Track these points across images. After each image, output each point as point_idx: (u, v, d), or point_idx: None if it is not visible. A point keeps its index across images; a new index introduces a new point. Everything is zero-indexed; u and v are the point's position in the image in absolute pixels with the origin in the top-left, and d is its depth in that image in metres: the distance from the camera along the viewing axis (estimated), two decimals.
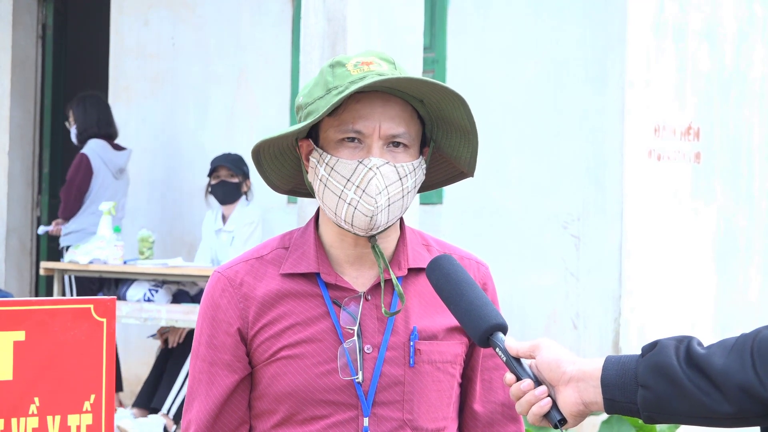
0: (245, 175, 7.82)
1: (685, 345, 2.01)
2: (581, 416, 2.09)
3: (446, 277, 2.30)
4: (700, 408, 1.96)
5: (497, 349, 2.18)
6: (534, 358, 2.14)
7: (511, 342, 2.18)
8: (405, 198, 2.41)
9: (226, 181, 7.77)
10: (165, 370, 7.77)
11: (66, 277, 8.08)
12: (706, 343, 2.03)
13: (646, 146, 7.34)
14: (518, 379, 2.14)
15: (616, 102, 7.24)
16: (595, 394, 2.06)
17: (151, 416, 7.60)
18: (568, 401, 2.08)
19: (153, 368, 7.87)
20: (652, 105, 7.37)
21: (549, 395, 2.11)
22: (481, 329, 2.20)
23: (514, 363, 2.15)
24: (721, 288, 7.76)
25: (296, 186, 2.59)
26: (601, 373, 2.05)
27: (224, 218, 7.89)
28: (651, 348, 2.04)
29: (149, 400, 7.73)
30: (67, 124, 8.73)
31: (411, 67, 5.60)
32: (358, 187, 2.37)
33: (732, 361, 1.95)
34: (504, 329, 2.21)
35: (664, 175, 7.44)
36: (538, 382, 2.12)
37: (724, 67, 7.80)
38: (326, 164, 2.40)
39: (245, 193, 7.86)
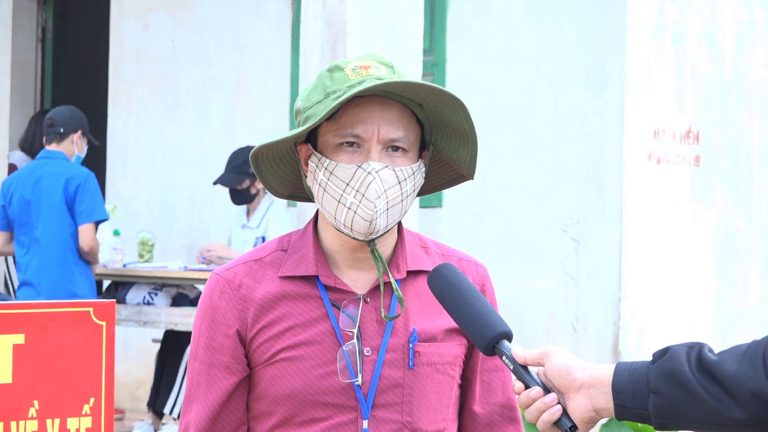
0: (254, 176, 7.70)
1: (697, 351, 2.01)
2: (592, 423, 2.08)
3: (449, 286, 2.29)
4: (712, 414, 1.96)
5: (504, 358, 2.16)
6: (543, 365, 2.13)
7: (518, 350, 2.17)
8: (404, 202, 2.41)
9: (234, 189, 7.73)
10: (164, 371, 7.78)
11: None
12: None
13: (646, 149, 7.34)
14: (526, 386, 2.13)
15: (615, 105, 7.24)
16: (606, 401, 2.06)
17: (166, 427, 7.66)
18: (579, 408, 2.08)
19: (155, 369, 7.89)
20: (651, 108, 7.37)
21: (558, 402, 2.11)
22: (487, 338, 2.19)
23: (521, 371, 2.14)
24: (721, 291, 7.76)
25: (296, 190, 2.59)
26: (612, 380, 2.05)
27: (248, 213, 7.84)
28: (662, 354, 2.03)
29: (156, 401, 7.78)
30: None
31: (411, 70, 5.60)
32: (357, 191, 2.36)
33: (744, 367, 1.95)
34: (509, 337, 2.20)
35: (664, 178, 7.44)
36: (546, 390, 2.12)
37: (723, 70, 7.80)
38: (325, 169, 2.39)
39: (258, 191, 7.75)
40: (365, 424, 2.41)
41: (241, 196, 7.70)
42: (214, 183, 7.72)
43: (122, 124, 9.26)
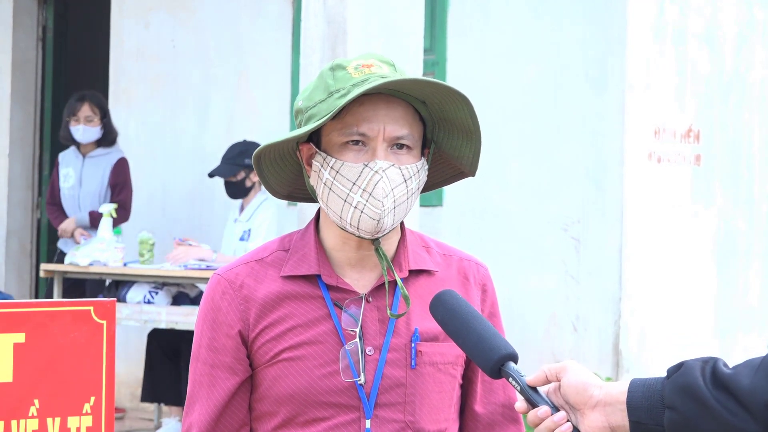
0: (249, 168, 7.69)
1: (711, 365, 2.00)
2: None
3: (451, 313, 2.29)
4: (728, 428, 1.95)
5: (510, 379, 2.16)
6: (560, 380, 2.13)
7: (540, 367, 2.16)
8: (409, 200, 2.41)
9: (229, 181, 7.74)
10: (157, 361, 7.78)
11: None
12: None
13: (646, 149, 7.34)
14: (534, 406, 2.13)
15: (616, 105, 7.24)
16: (622, 418, 2.05)
17: None
18: (594, 425, 2.07)
19: (148, 360, 7.88)
20: (652, 108, 7.38)
21: (569, 420, 2.10)
22: (491, 361, 2.19)
23: (529, 391, 2.14)
24: (721, 291, 7.76)
25: (294, 191, 2.59)
26: (626, 396, 2.04)
27: (242, 208, 7.85)
28: (676, 369, 2.03)
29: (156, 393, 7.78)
30: (73, 120, 8.55)
31: (411, 69, 5.60)
32: (364, 190, 2.36)
33: (759, 380, 1.94)
34: (515, 358, 2.19)
35: (664, 177, 7.44)
36: (555, 408, 2.11)
37: (723, 70, 7.81)
38: (331, 168, 2.39)
39: (254, 184, 7.75)
40: (368, 423, 2.41)
41: (237, 189, 7.71)
42: (210, 175, 7.74)
43: (123, 123, 9.25)
